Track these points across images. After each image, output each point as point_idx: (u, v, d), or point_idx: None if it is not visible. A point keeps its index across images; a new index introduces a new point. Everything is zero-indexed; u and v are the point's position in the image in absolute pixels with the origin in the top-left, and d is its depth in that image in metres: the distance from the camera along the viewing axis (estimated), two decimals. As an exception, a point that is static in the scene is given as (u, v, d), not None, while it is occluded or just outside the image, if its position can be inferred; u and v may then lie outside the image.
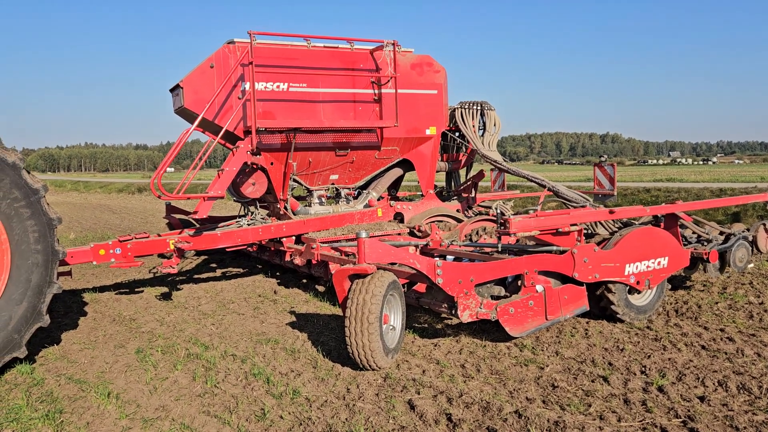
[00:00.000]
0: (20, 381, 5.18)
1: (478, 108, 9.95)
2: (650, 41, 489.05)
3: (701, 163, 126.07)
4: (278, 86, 8.16)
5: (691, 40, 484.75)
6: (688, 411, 4.15)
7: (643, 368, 5.00)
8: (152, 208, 25.12)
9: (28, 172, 5.34)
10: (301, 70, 8.26)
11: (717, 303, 7.04)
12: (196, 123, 7.60)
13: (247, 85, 7.84)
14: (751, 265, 7.60)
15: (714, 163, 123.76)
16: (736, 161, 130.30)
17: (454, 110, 10.01)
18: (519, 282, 5.84)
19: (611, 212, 6.33)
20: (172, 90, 8.44)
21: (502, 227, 5.75)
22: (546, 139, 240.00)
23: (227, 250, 8.64)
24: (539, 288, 5.73)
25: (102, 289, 8.98)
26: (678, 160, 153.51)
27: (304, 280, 9.14)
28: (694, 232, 7.52)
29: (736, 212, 14.51)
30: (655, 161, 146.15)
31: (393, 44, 8.68)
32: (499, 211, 6.33)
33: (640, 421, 4.05)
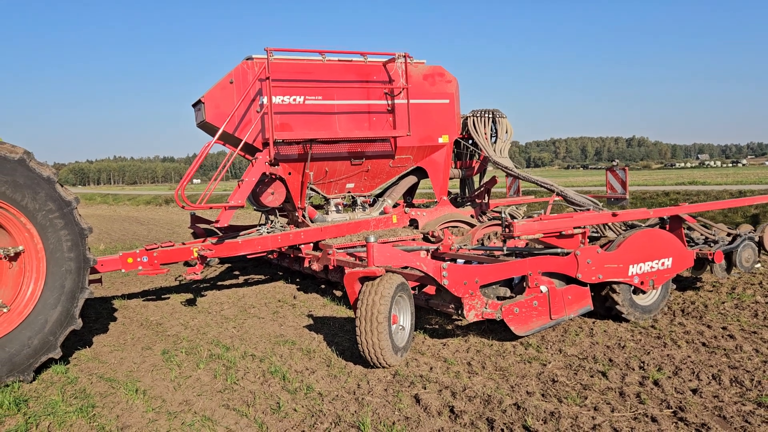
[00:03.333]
0: (56, 380, 5.57)
1: (490, 116, 10.21)
2: (677, 42, 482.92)
3: (730, 165, 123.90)
4: (295, 99, 8.52)
5: (719, 40, 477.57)
6: (680, 402, 4.35)
7: (642, 364, 5.20)
8: (178, 219, 25.76)
9: (62, 186, 5.75)
10: (317, 83, 8.62)
11: (724, 303, 7.17)
12: (217, 136, 7.99)
13: (265, 99, 8.21)
14: (759, 265, 7.70)
15: (743, 165, 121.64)
16: (767, 163, 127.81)
17: (467, 118, 10.28)
18: (524, 283, 6.08)
19: (614, 215, 6.53)
20: (194, 105, 8.87)
21: (507, 230, 6.01)
22: (571, 144, 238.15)
23: (248, 257, 9.00)
24: (543, 288, 5.96)
25: (131, 296, 9.42)
26: (706, 162, 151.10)
27: (323, 286, 9.46)
28: (702, 234, 7.67)
29: (756, 214, 14.49)
30: (682, 164, 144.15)
31: (404, 56, 9.00)
32: (503, 216, 6.56)
33: (633, 411, 4.26)
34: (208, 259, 8.61)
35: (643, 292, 6.61)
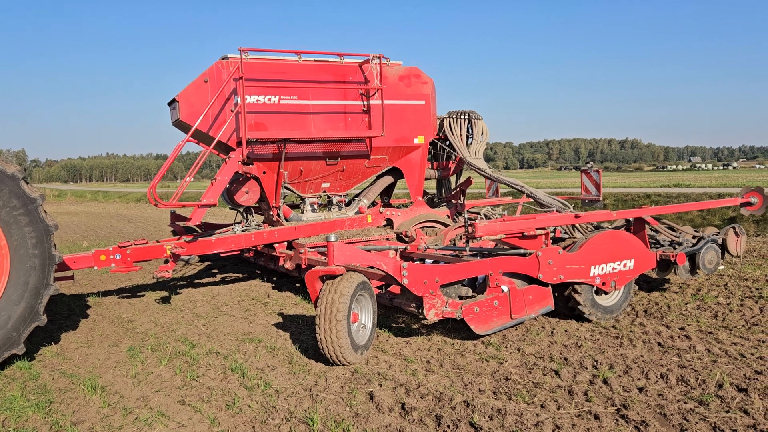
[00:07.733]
0: (18, 375, 5.62)
1: (466, 117, 10.28)
2: (670, 43, 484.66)
3: (721, 168, 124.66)
4: (269, 99, 8.57)
5: (712, 41, 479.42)
6: (625, 400, 4.44)
7: (595, 363, 5.29)
8: (167, 218, 25.71)
9: (27, 183, 5.79)
10: (292, 83, 8.68)
11: (687, 304, 7.28)
12: (189, 134, 8.05)
13: (239, 99, 8.26)
14: (722, 267, 7.81)
15: (734, 168, 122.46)
16: (758, 166, 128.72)
17: (443, 120, 10.35)
18: (486, 283, 6.15)
19: (577, 216, 6.62)
20: (169, 104, 8.91)
21: (469, 231, 6.09)
22: (564, 146, 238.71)
23: (221, 255, 9.06)
24: (504, 288, 6.04)
25: (106, 293, 9.45)
26: (698, 165, 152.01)
27: (297, 285, 9.52)
28: (667, 236, 7.77)
29: (733, 217, 14.64)
30: (674, 167, 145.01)
31: (379, 57, 9.07)
32: (466, 216, 6.64)
33: (578, 408, 4.35)
34: (187, 258, 8.66)
35: (606, 293, 6.70)
